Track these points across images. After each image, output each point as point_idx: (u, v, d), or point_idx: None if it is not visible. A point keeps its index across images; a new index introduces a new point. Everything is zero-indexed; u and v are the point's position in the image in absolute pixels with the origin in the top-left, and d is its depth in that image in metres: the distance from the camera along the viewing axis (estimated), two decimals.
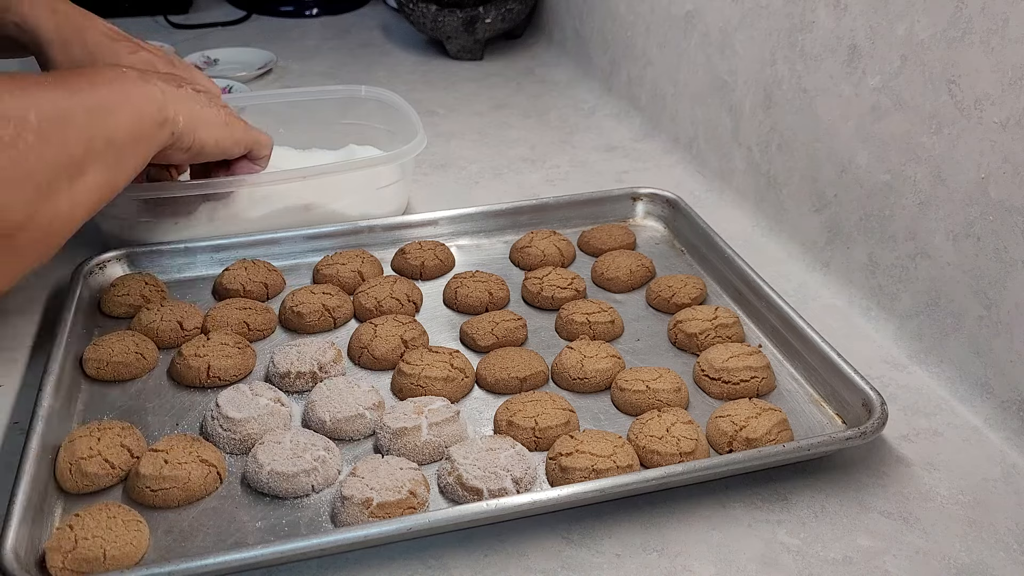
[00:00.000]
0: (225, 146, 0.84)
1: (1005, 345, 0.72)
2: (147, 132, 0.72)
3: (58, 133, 0.62)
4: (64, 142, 0.63)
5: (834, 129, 0.89)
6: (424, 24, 1.46)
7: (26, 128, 0.60)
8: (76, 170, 0.64)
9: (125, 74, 0.72)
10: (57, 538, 0.58)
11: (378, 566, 0.61)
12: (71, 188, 0.64)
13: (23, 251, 0.62)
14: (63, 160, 0.63)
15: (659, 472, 0.63)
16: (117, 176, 0.69)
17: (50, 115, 0.62)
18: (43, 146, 0.61)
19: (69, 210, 0.64)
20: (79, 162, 0.64)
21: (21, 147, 0.59)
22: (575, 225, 0.98)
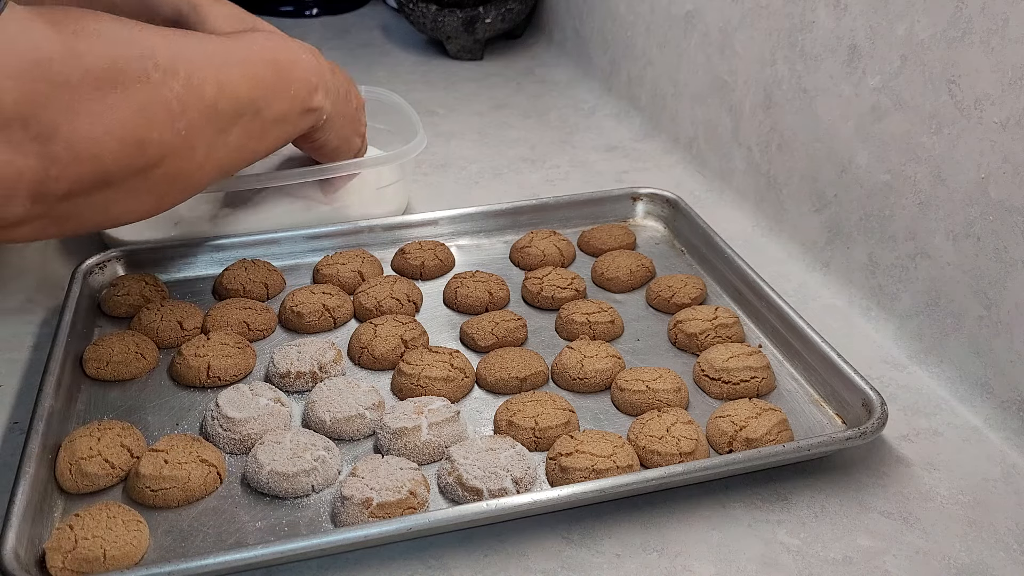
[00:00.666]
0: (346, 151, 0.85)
1: (1005, 345, 0.72)
2: (294, 115, 0.75)
3: (209, 89, 0.66)
4: (213, 99, 0.66)
5: (834, 129, 0.89)
6: (424, 24, 1.46)
7: (174, 78, 0.63)
8: (221, 127, 0.68)
9: (293, 50, 0.75)
10: (57, 538, 0.58)
11: (378, 566, 0.61)
12: (212, 142, 0.68)
13: (155, 189, 0.66)
14: (208, 114, 0.66)
15: (659, 472, 0.63)
16: (255, 146, 0.73)
17: (203, 71, 0.66)
18: (190, 96, 0.65)
19: (205, 160, 0.68)
20: (225, 121, 0.68)
21: (165, 93, 0.63)
22: (575, 225, 0.98)
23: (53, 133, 0.57)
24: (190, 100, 0.65)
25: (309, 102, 0.77)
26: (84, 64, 0.59)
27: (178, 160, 0.66)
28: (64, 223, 0.64)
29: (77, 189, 0.61)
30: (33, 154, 0.57)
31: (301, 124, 0.78)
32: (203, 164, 0.69)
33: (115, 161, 0.61)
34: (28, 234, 0.62)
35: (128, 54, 0.62)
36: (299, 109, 0.76)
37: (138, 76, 0.62)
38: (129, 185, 0.64)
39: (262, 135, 0.74)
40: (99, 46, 0.60)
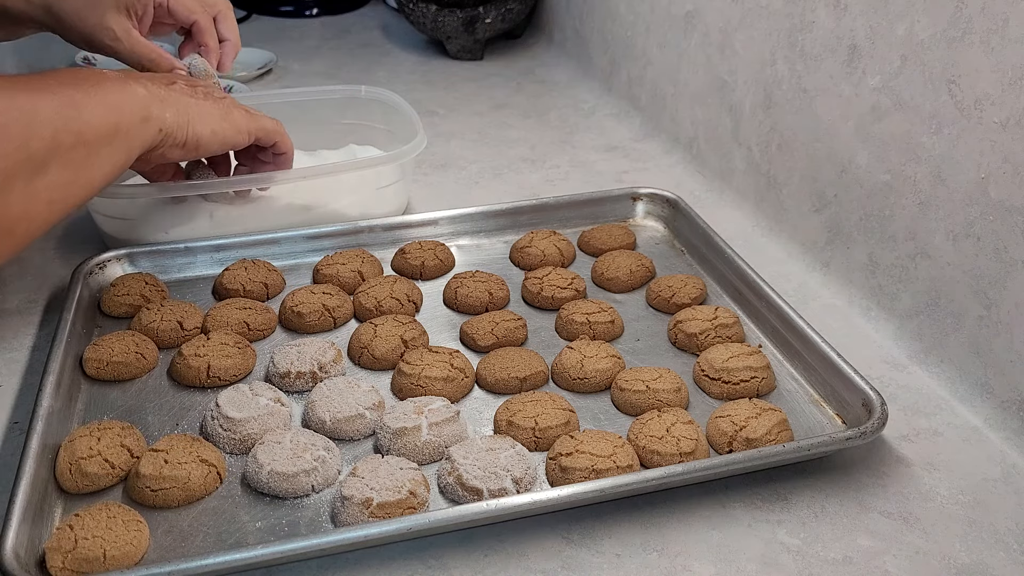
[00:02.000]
0: (226, 136, 0.81)
1: (1005, 345, 0.72)
2: (126, 129, 0.69)
3: (18, 129, 0.60)
4: (24, 138, 0.60)
5: (834, 129, 0.89)
6: (424, 24, 1.46)
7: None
8: (35, 167, 0.61)
9: (103, 74, 0.70)
10: (57, 538, 0.58)
11: (378, 566, 0.61)
12: (29, 186, 0.61)
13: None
14: (19, 156, 0.60)
15: (659, 472, 0.63)
16: (90, 175, 0.67)
17: (6, 112, 0.59)
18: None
19: (24, 209, 0.62)
20: (40, 159, 0.61)
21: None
22: (575, 225, 0.98)
23: None
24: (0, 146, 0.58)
25: (142, 111, 0.71)
26: None
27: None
28: None
29: None
30: None
31: (144, 136, 0.72)
32: (26, 212, 0.62)
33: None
34: None
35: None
36: (130, 122, 0.70)
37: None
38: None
39: (90, 161, 0.66)
40: None
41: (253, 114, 0.85)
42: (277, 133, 0.88)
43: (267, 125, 0.86)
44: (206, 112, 0.79)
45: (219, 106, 0.81)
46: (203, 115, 0.78)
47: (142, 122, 0.71)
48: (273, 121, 0.87)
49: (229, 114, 0.82)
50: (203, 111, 0.78)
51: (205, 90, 0.82)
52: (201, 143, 0.79)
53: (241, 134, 0.83)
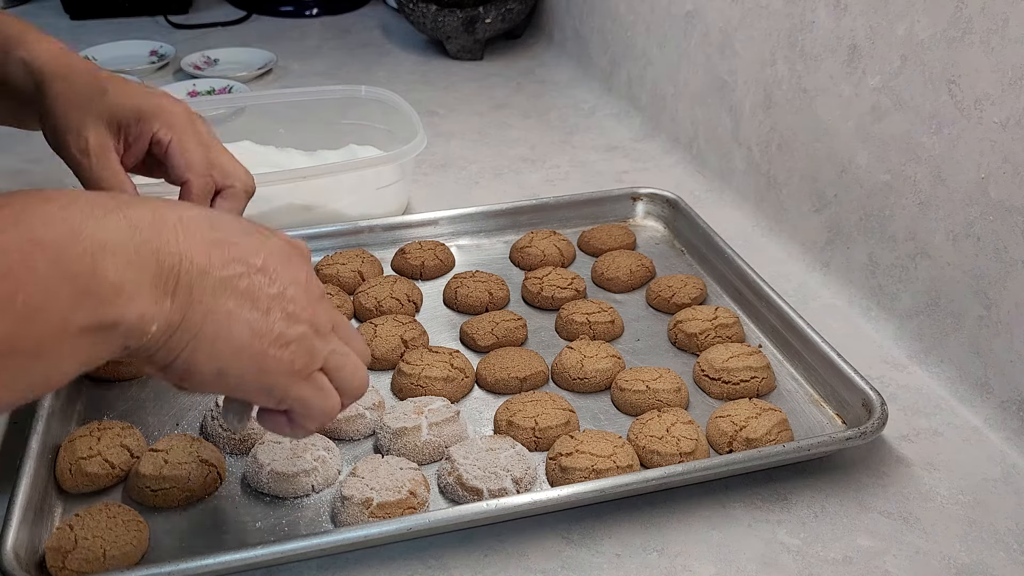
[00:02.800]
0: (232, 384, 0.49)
1: (1005, 345, 0.72)
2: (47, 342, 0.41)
3: None
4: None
5: (834, 129, 0.89)
6: (424, 24, 1.46)
7: None
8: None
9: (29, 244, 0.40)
10: (57, 538, 0.58)
11: (378, 566, 0.61)
12: None
13: None
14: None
15: (659, 472, 0.63)
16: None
17: None
18: None
19: None
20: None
21: None
22: (575, 225, 0.98)
23: None
24: None
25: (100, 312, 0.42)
26: None
27: None
28: None
29: None
30: None
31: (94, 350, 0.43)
32: None
33: None
34: None
35: None
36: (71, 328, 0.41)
37: None
38: None
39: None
40: None
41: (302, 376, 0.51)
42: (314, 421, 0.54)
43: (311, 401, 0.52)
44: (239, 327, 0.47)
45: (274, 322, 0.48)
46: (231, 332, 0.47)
47: (93, 332, 0.42)
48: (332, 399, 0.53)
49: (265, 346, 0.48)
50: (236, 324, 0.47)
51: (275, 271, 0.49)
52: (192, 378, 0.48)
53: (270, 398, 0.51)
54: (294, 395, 0.51)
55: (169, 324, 0.44)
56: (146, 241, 0.44)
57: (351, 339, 0.54)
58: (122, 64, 1.43)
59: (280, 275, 0.49)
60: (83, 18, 1.67)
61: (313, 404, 0.52)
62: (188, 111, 0.70)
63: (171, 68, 1.46)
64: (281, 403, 0.51)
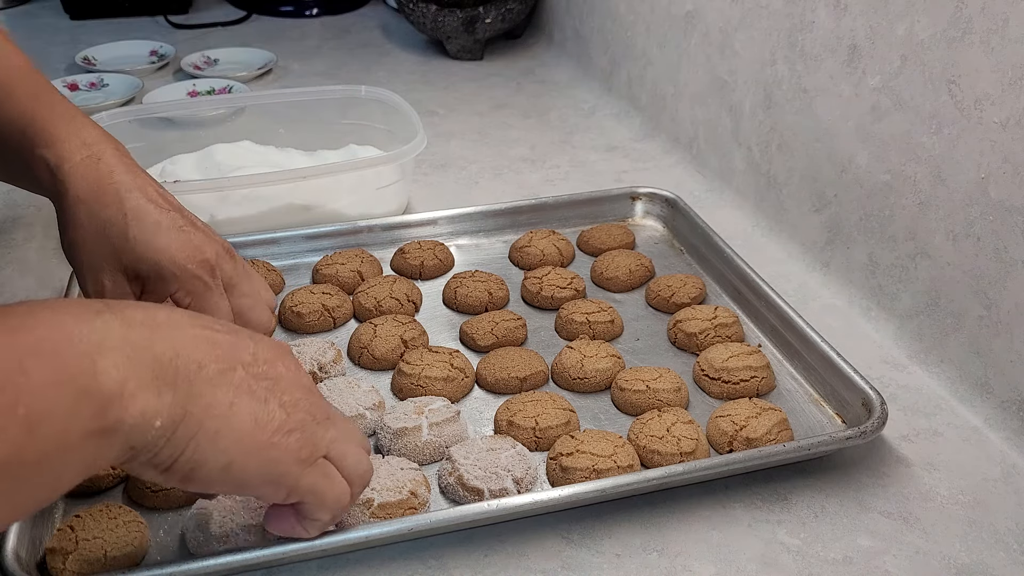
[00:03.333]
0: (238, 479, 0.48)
1: (1005, 345, 0.72)
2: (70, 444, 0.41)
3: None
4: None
5: (834, 129, 0.89)
6: (424, 24, 1.46)
7: None
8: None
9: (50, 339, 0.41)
10: (58, 539, 0.58)
11: (378, 566, 0.61)
12: None
13: None
14: None
15: (659, 472, 0.63)
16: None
17: None
18: None
19: None
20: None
21: None
22: (574, 225, 0.98)
23: None
24: None
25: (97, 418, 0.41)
26: None
27: None
28: None
29: None
30: None
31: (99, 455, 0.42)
32: None
33: None
34: None
35: None
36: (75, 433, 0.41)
37: None
38: None
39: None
40: None
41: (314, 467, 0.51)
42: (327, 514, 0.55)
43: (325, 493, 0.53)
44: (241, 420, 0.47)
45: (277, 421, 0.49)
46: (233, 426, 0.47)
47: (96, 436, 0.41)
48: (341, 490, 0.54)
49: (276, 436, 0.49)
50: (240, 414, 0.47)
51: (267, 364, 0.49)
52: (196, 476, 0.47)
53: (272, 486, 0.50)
54: (304, 484, 0.50)
55: (172, 419, 0.44)
56: (142, 337, 0.44)
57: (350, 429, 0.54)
58: (122, 64, 1.43)
59: (272, 367, 0.49)
60: (83, 18, 1.67)
61: (325, 491, 0.52)
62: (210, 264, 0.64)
63: (171, 68, 1.46)
64: (291, 495, 0.51)
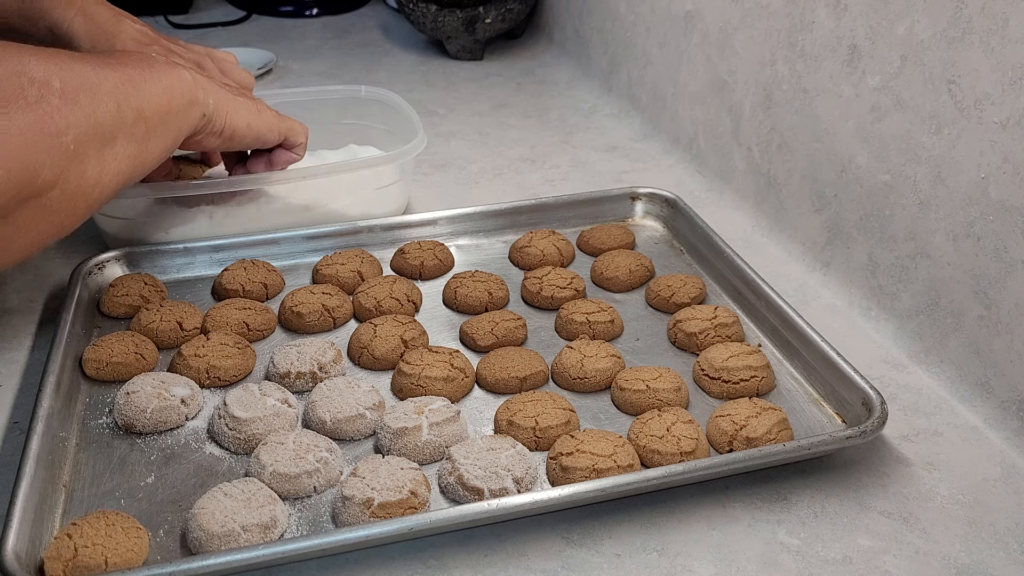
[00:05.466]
0: (258, 130, 0.84)
1: (1005, 345, 0.72)
2: (177, 109, 0.73)
3: (85, 99, 0.63)
4: (92, 108, 0.63)
5: (834, 129, 0.89)
6: (424, 24, 1.46)
7: (50, 91, 0.60)
8: (105, 138, 0.65)
9: (154, 58, 0.74)
10: (56, 547, 0.58)
11: (378, 566, 0.61)
12: (100, 155, 0.65)
13: (53, 212, 0.63)
14: (91, 124, 0.63)
15: (660, 472, 0.63)
16: (146, 152, 0.70)
17: (75, 81, 0.63)
18: (69, 109, 0.61)
19: (98, 176, 0.65)
20: (109, 131, 0.65)
21: (46, 108, 0.60)
22: (574, 225, 0.98)
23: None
24: (70, 112, 0.62)
25: (189, 94, 0.74)
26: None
27: (73, 178, 0.63)
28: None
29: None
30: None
31: (190, 118, 0.75)
32: (99, 179, 0.65)
33: (7, 191, 0.58)
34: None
35: (1, 74, 0.58)
36: (180, 103, 0.73)
37: (14, 95, 0.58)
38: (26, 214, 0.61)
39: (150, 137, 0.70)
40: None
41: (282, 115, 0.88)
42: (303, 135, 0.90)
43: (296, 127, 0.89)
44: (242, 106, 0.81)
45: (253, 102, 0.84)
46: (239, 108, 0.81)
47: (189, 105, 0.74)
48: (302, 124, 0.90)
49: (263, 112, 0.84)
50: (239, 104, 0.81)
51: (237, 87, 0.85)
52: (236, 134, 0.81)
53: (272, 131, 0.86)
54: (285, 124, 0.87)
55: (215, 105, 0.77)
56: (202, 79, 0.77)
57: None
58: None
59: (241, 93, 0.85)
60: None
61: (296, 125, 0.89)
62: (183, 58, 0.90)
63: None
64: (281, 134, 0.87)
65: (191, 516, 0.61)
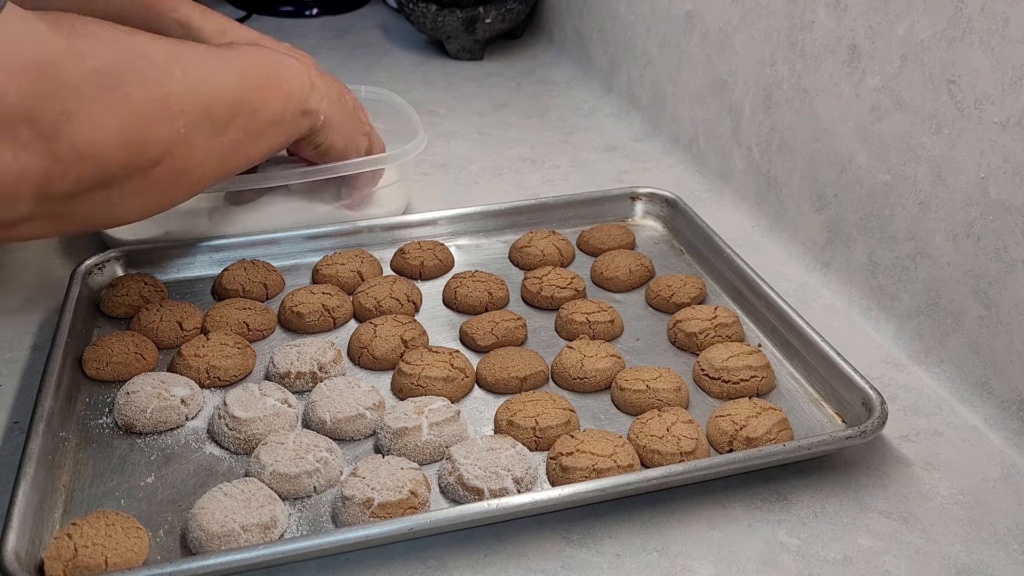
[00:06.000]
0: (347, 154, 0.86)
1: (1005, 345, 0.72)
2: (290, 116, 0.76)
3: (204, 89, 0.68)
4: (209, 99, 0.68)
5: (834, 129, 0.89)
6: (424, 24, 1.46)
7: (170, 77, 0.65)
8: (216, 129, 0.70)
9: (284, 58, 0.77)
10: (56, 547, 0.57)
11: (378, 566, 0.61)
12: (208, 143, 0.69)
13: (156, 187, 0.67)
14: (204, 114, 0.68)
15: (660, 472, 0.63)
16: (253, 148, 0.74)
17: (196, 72, 0.68)
18: (186, 96, 0.66)
19: (203, 159, 0.69)
20: (221, 122, 0.70)
21: (163, 91, 0.65)
22: (574, 225, 0.98)
23: (57, 132, 0.58)
24: (187, 99, 0.66)
25: (304, 104, 0.78)
26: (86, 64, 0.60)
27: (178, 158, 0.67)
28: (64, 222, 0.65)
29: (80, 188, 0.61)
30: (38, 153, 0.58)
31: (299, 126, 0.79)
32: (202, 162, 0.70)
33: (117, 160, 0.62)
34: (27, 232, 0.63)
35: (127, 55, 0.63)
36: (295, 111, 0.78)
37: (138, 76, 0.63)
38: (131, 184, 0.65)
39: (258, 136, 0.75)
40: (99, 47, 0.61)
41: (374, 138, 0.89)
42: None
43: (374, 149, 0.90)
44: (349, 127, 0.83)
45: (359, 123, 0.85)
46: (344, 126, 0.83)
47: (303, 115, 0.78)
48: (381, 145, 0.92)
49: (360, 138, 0.86)
50: (347, 123, 0.83)
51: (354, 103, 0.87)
52: (331, 152, 0.84)
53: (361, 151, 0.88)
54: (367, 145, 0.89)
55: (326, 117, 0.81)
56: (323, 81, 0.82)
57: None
58: None
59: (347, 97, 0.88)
60: None
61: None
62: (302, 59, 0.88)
63: None
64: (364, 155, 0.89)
65: (191, 516, 0.61)
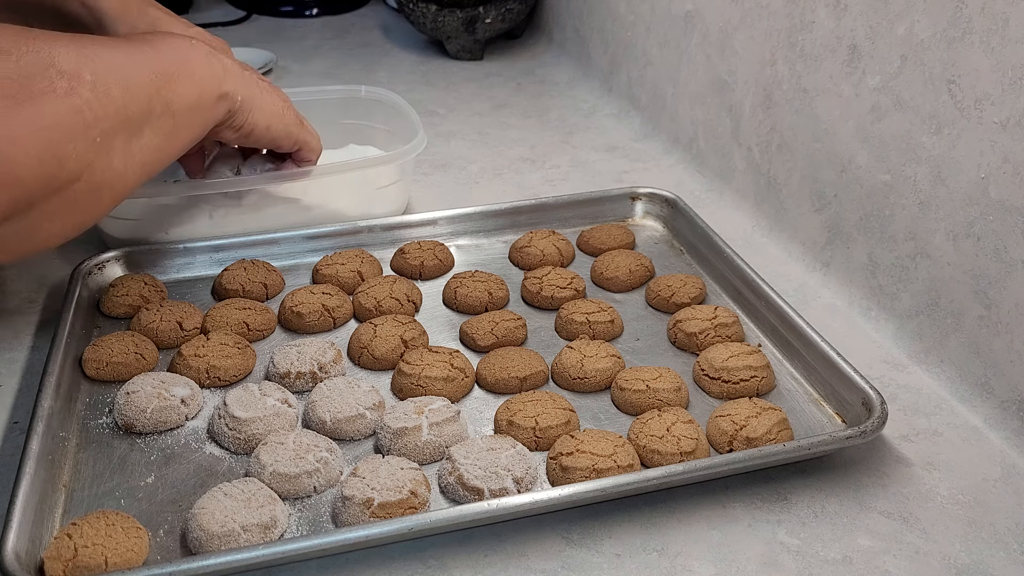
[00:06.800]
0: (275, 134, 0.83)
1: (1005, 345, 0.72)
2: (205, 103, 0.73)
3: (117, 92, 0.63)
4: (123, 102, 0.64)
5: (834, 129, 0.89)
6: (424, 24, 1.46)
7: (80, 83, 0.61)
8: (133, 131, 0.65)
9: (192, 44, 0.73)
10: (56, 547, 0.58)
11: (378, 566, 0.61)
12: (127, 147, 0.65)
13: (78, 204, 0.63)
14: (120, 118, 0.64)
15: (660, 472, 0.63)
16: (172, 143, 0.70)
17: (107, 74, 0.63)
18: (99, 102, 0.62)
19: (123, 168, 0.65)
20: (136, 122, 0.66)
21: (76, 101, 0.60)
22: (574, 225, 0.98)
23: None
24: (100, 106, 0.62)
25: (219, 88, 0.74)
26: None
27: (98, 170, 0.63)
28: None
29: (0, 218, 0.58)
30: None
31: (216, 112, 0.75)
32: (124, 171, 0.65)
33: (36, 180, 0.58)
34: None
35: (31, 66, 0.58)
36: (210, 97, 0.73)
37: (44, 88, 0.58)
38: (53, 204, 0.61)
39: (176, 129, 0.70)
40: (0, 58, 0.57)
41: (303, 123, 0.86)
42: (315, 153, 0.89)
43: (311, 141, 0.88)
44: (268, 104, 0.80)
45: (279, 101, 0.82)
46: (265, 106, 0.80)
47: (218, 99, 0.74)
48: (316, 138, 0.89)
49: (285, 114, 0.83)
50: (266, 102, 0.80)
51: (269, 84, 0.83)
52: (254, 134, 0.80)
53: (289, 138, 0.85)
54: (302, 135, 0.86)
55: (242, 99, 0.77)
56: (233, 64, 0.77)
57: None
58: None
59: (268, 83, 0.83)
60: None
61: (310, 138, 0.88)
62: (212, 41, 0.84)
63: None
64: (295, 143, 0.86)
65: (191, 516, 0.61)
